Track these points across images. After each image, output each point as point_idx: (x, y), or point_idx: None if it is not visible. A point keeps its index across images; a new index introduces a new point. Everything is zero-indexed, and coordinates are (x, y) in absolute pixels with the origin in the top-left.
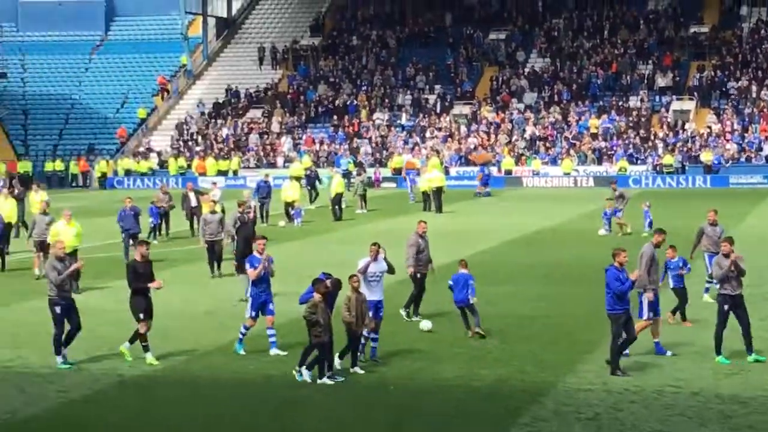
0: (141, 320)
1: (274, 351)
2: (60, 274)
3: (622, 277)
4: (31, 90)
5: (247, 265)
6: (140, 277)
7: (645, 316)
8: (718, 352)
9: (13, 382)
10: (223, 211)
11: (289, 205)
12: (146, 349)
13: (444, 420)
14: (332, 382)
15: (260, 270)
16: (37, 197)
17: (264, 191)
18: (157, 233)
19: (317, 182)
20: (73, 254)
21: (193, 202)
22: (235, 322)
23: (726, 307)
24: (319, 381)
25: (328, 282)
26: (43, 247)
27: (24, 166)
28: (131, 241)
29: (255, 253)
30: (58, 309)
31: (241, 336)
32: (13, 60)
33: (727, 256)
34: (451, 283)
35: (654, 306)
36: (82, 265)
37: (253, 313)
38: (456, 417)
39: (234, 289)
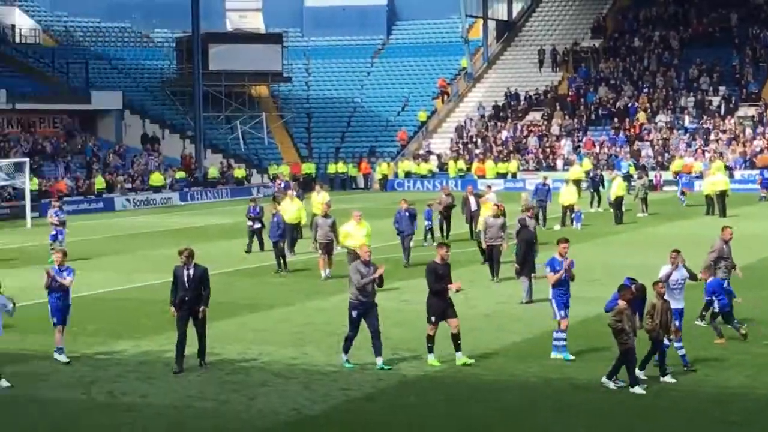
0: (431, 323)
1: (555, 354)
2: (363, 278)
3: None
4: (315, 93)
5: (547, 269)
6: (440, 278)
7: None
8: None
9: (299, 379)
10: (504, 214)
11: (567, 208)
12: (430, 350)
13: (727, 428)
14: (615, 387)
15: (560, 275)
16: (318, 198)
17: (542, 194)
18: (431, 235)
19: (601, 186)
20: None
21: (473, 206)
22: (515, 324)
23: None
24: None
25: (633, 288)
26: (328, 249)
27: (307, 168)
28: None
29: (556, 256)
30: (354, 313)
31: (559, 344)
32: (298, 64)
33: None
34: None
35: None
36: (383, 271)
37: (562, 313)
38: (742, 425)
39: (513, 292)
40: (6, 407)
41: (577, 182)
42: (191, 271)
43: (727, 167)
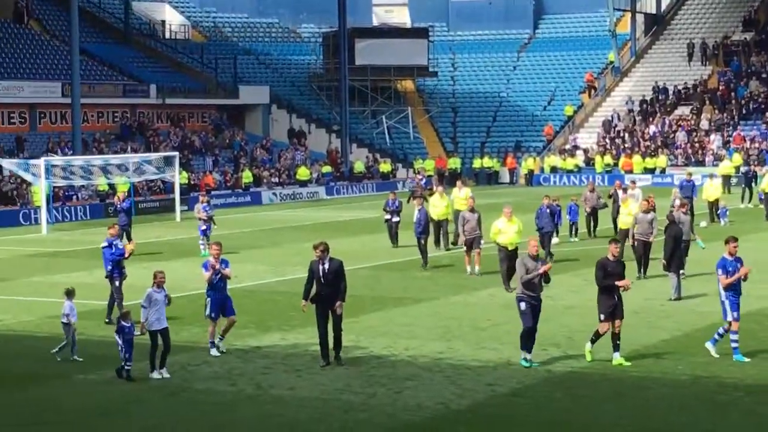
0: (602, 320)
1: (736, 357)
2: (528, 273)
3: None
4: (461, 88)
5: (719, 271)
6: (609, 275)
7: None
8: None
9: (445, 373)
10: (654, 209)
11: (712, 204)
12: (593, 342)
13: None
14: None
15: (735, 278)
16: (461, 194)
17: (687, 190)
18: (575, 230)
19: (753, 182)
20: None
21: (620, 201)
22: (663, 321)
23: None
24: None
25: None
26: (472, 244)
27: (453, 163)
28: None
29: (726, 255)
30: (523, 305)
31: (733, 345)
32: (444, 59)
33: None
34: None
35: None
36: (550, 267)
37: (735, 314)
38: None
39: (661, 289)
40: (158, 396)
41: (726, 178)
42: (326, 265)
43: None
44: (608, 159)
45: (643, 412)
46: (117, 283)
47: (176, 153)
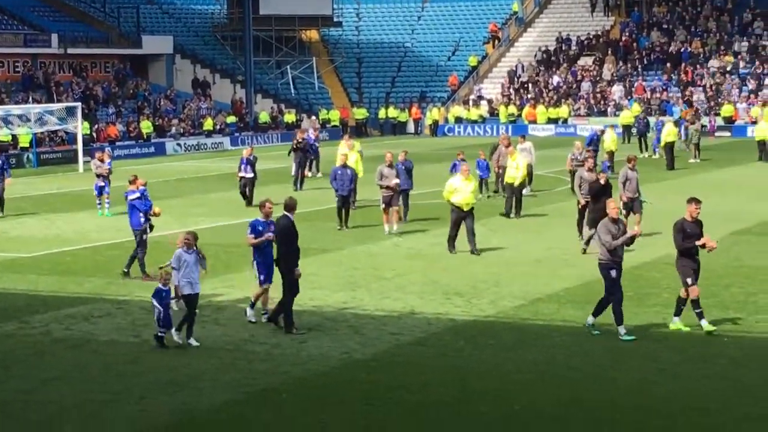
0: (690, 284)
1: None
2: (614, 239)
3: None
4: (365, 38)
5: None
6: (689, 237)
7: None
8: None
9: (350, 323)
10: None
11: (610, 154)
12: (700, 316)
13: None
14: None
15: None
16: (344, 149)
17: (596, 144)
18: (486, 187)
19: (647, 131)
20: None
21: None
22: (566, 270)
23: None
24: None
25: None
26: (390, 201)
27: (359, 114)
28: None
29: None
30: (614, 272)
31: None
32: (348, 9)
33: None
34: None
35: None
36: (639, 232)
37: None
38: None
39: (566, 237)
40: (61, 348)
41: (626, 127)
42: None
43: None
44: (512, 109)
45: (546, 359)
46: (145, 237)
47: (78, 104)
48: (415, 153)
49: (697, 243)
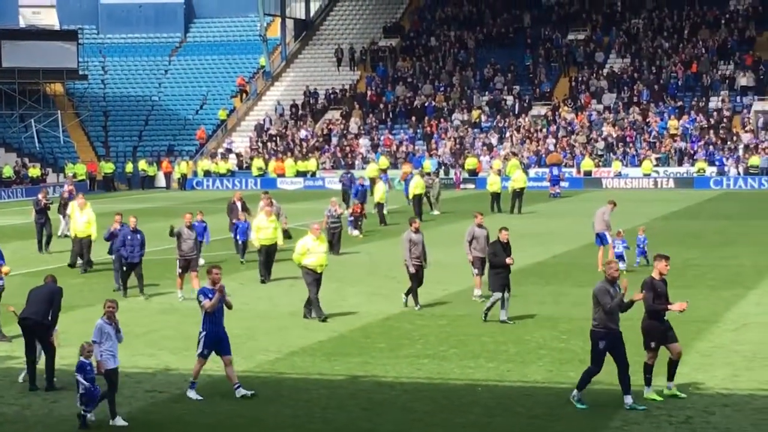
0: (651, 349)
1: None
2: (612, 300)
3: None
4: (112, 92)
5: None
6: (659, 296)
7: None
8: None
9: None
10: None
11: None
12: (648, 382)
13: (532, 422)
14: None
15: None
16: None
17: (362, 196)
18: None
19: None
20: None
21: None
22: (319, 323)
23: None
24: None
25: None
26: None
27: (106, 168)
28: None
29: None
30: (602, 344)
31: None
32: (94, 62)
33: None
34: None
35: None
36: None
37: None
38: (545, 418)
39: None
40: None
41: (373, 180)
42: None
43: (522, 165)
44: (260, 162)
45: (304, 413)
46: None
47: None
48: (166, 207)
49: (671, 307)
